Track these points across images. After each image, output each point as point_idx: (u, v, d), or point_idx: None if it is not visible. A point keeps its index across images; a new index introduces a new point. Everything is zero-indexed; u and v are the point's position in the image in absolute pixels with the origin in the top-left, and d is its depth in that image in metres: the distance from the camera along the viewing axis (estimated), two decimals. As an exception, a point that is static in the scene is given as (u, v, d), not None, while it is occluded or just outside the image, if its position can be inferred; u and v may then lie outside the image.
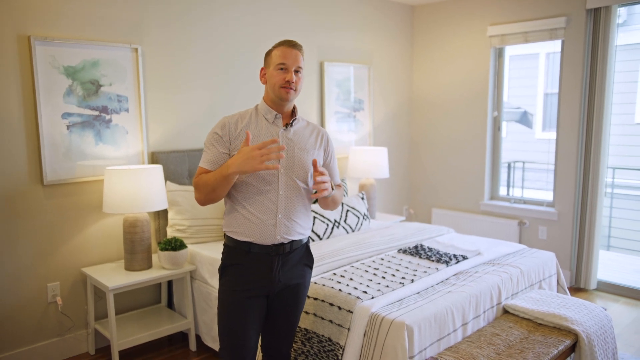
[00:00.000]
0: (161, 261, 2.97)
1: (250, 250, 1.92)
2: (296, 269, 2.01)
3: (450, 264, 2.84)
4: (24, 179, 2.78)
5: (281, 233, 1.93)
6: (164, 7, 3.25)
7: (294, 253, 1.99)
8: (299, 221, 1.98)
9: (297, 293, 2.03)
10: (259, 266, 1.93)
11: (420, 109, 5.16)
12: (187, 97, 3.43)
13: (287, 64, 1.91)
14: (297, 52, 1.94)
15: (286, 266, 1.97)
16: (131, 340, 2.83)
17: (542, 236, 4.35)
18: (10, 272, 2.77)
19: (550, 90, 7.68)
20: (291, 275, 1.99)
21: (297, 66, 1.93)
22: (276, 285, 1.96)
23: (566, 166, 4.15)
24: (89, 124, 2.97)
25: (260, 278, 1.93)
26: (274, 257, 1.93)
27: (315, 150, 2.02)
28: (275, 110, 1.96)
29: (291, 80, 1.90)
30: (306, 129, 2.04)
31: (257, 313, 1.97)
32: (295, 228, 1.97)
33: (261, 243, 1.91)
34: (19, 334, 2.83)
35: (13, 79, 2.70)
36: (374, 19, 4.67)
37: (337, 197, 2.08)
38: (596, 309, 2.68)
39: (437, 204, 5.11)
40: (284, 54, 1.92)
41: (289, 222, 1.94)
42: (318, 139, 2.05)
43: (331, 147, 2.11)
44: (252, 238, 1.91)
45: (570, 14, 4.01)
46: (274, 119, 1.96)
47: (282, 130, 1.95)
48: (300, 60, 1.94)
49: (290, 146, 1.95)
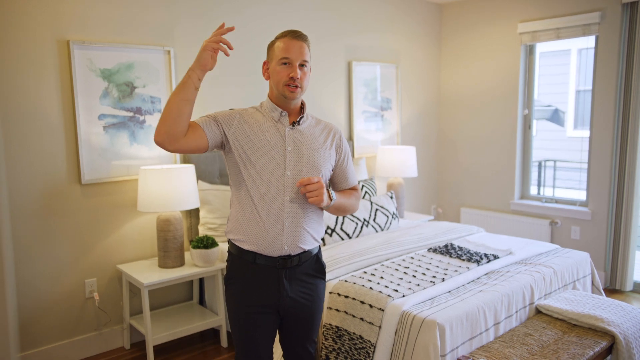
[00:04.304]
0: (193, 259, 3.03)
1: (255, 261, 1.75)
2: (306, 282, 1.83)
3: (481, 263, 2.81)
4: (63, 178, 2.88)
5: (289, 243, 1.75)
6: (194, 9, 3.31)
7: (303, 266, 1.81)
8: (310, 230, 1.80)
9: (310, 307, 1.86)
10: (265, 280, 1.76)
11: (448, 107, 5.12)
12: (218, 96, 3.49)
13: (291, 58, 1.71)
14: (302, 43, 1.73)
15: (295, 280, 1.80)
16: (165, 336, 2.90)
17: (574, 236, 4.26)
18: (50, 268, 2.87)
19: (582, 87, 7.51)
20: (301, 290, 1.82)
21: (302, 60, 1.72)
22: (285, 301, 1.79)
23: (600, 165, 4.05)
24: (124, 125, 3.06)
25: (266, 293, 1.77)
26: (280, 271, 1.76)
27: (326, 150, 1.83)
28: (281, 108, 1.78)
29: (295, 77, 1.70)
30: (316, 127, 1.86)
31: (268, 328, 1.82)
32: (305, 237, 1.78)
33: (266, 254, 1.74)
34: (58, 327, 2.93)
35: (53, 82, 2.80)
36: (401, 18, 4.66)
37: (348, 204, 1.89)
38: (634, 310, 2.62)
39: (466, 204, 5.06)
40: (287, 47, 1.71)
41: (297, 231, 1.76)
42: (329, 138, 1.86)
43: (345, 147, 1.91)
44: (256, 247, 1.74)
45: (604, 9, 3.91)
46: (279, 117, 1.78)
47: (289, 129, 1.78)
48: (305, 53, 1.73)
49: (298, 146, 1.77)
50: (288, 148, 1.75)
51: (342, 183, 1.95)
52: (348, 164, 1.94)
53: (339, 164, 1.90)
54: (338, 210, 1.87)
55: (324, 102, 4.13)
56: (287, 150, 1.75)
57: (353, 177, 1.97)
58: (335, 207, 1.83)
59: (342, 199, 1.86)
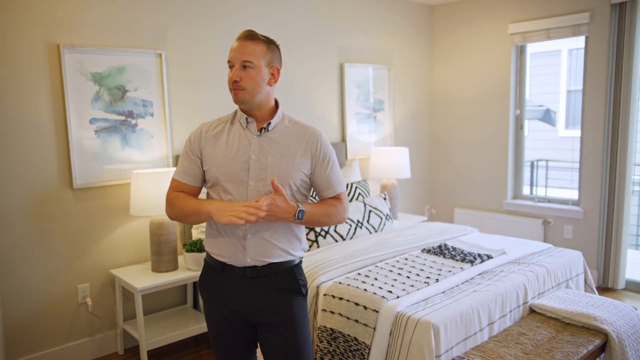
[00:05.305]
0: (187, 263, 3.02)
1: (224, 269, 1.71)
2: (277, 296, 1.71)
3: (475, 264, 2.82)
4: (54, 183, 2.86)
5: (252, 255, 1.67)
6: (185, 12, 3.31)
7: (271, 277, 1.70)
8: (276, 242, 1.69)
9: (288, 325, 1.72)
10: (233, 289, 1.71)
11: (441, 108, 5.14)
12: (211, 100, 3.48)
13: (232, 60, 1.65)
14: (248, 43, 1.63)
15: (262, 292, 1.70)
16: (159, 341, 2.88)
17: (567, 235, 4.28)
18: (42, 273, 2.85)
19: (573, 87, 7.57)
20: (270, 303, 1.71)
21: (243, 60, 1.62)
22: (253, 312, 1.72)
23: (592, 164, 4.08)
24: (116, 129, 3.04)
25: (234, 302, 1.72)
26: (247, 280, 1.69)
27: (297, 157, 1.69)
28: (246, 114, 1.70)
29: (231, 79, 1.63)
30: (290, 131, 1.72)
31: (239, 338, 1.77)
32: (271, 251, 1.68)
33: (233, 264, 1.69)
34: (51, 334, 2.90)
35: (43, 86, 2.78)
36: (392, 19, 4.67)
37: (324, 215, 1.73)
38: (626, 308, 2.63)
39: (459, 204, 5.07)
40: (232, 48, 1.66)
41: (261, 244, 1.67)
42: (302, 144, 1.71)
43: (323, 152, 1.73)
44: (223, 258, 1.70)
45: (594, 10, 3.95)
46: (246, 124, 1.70)
47: (255, 136, 1.69)
48: (249, 54, 1.62)
49: (263, 154, 1.67)
50: (252, 157, 1.67)
51: (323, 191, 1.78)
52: (329, 171, 1.75)
53: (317, 170, 1.74)
54: (312, 223, 1.72)
55: (316, 105, 4.13)
56: (251, 159, 1.66)
57: (337, 184, 1.78)
58: (306, 221, 1.69)
59: (316, 211, 1.70)
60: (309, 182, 1.77)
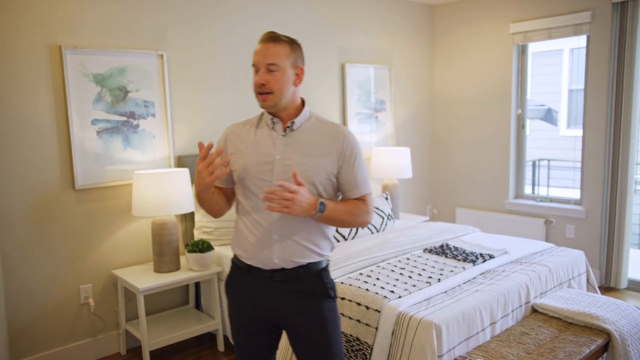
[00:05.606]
0: (189, 263, 3.02)
1: (251, 272, 1.71)
2: (305, 300, 1.70)
3: (477, 263, 2.82)
4: (56, 184, 2.86)
5: (279, 257, 1.65)
6: (186, 13, 3.31)
7: (298, 280, 1.68)
8: (305, 242, 1.67)
9: (319, 329, 1.70)
10: (260, 290, 1.71)
11: (442, 108, 5.13)
12: (212, 101, 3.48)
13: (256, 64, 1.63)
14: (271, 45, 1.61)
15: (289, 296, 1.69)
16: (161, 341, 2.88)
17: (569, 235, 4.28)
18: (44, 274, 2.85)
19: (574, 86, 7.56)
20: (298, 307, 1.69)
21: (268, 63, 1.60)
22: (281, 316, 1.71)
23: (594, 163, 4.07)
24: (117, 130, 3.04)
25: (261, 305, 1.71)
26: (274, 284, 1.68)
27: (322, 156, 1.66)
28: (272, 115, 1.69)
29: (257, 83, 1.62)
30: (315, 130, 1.71)
31: (264, 339, 1.77)
32: (299, 251, 1.66)
33: (259, 266, 1.68)
34: (53, 334, 2.91)
35: (45, 86, 2.78)
36: (393, 19, 4.67)
37: (344, 215, 1.68)
38: (629, 307, 2.63)
39: (461, 204, 5.07)
40: (256, 51, 1.64)
41: (288, 244, 1.65)
42: (328, 142, 1.68)
43: (350, 151, 1.69)
44: (250, 260, 1.70)
45: (595, 9, 3.94)
46: (272, 124, 1.70)
47: (280, 136, 1.68)
48: (273, 56, 1.60)
49: (288, 154, 1.65)
50: (277, 157, 1.66)
51: (348, 192, 1.73)
52: (355, 170, 1.70)
53: (343, 170, 1.70)
54: (334, 221, 1.67)
55: (318, 105, 4.13)
56: (276, 159, 1.65)
57: (363, 185, 1.72)
58: (325, 218, 1.64)
59: (338, 207, 1.66)
60: (336, 181, 1.72)
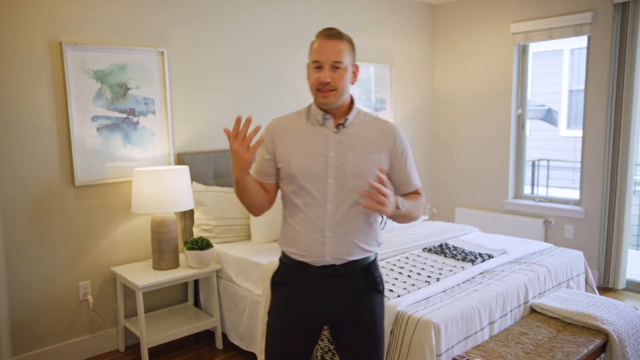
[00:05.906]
0: (188, 260, 3.02)
1: (300, 268, 1.68)
2: (356, 295, 1.69)
3: (476, 263, 2.82)
4: (56, 180, 2.86)
5: (331, 254, 1.64)
6: (187, 10, 3.31)
7: (351, 277, 1.68)
8: (357, 240, 1.67)
9: (369, 324, 1.70)
10: (308, 288, 1.68)
11: (442, 107, 5.13)
12: (213, 98, 3.48)
13: (321, 61, 1.60)
14: (336, 42, 1.60)
15: (340, 292, 1.68)
16: (160, 338, 2.88)
17: (568, 235, 4.28)
18: (43, 271, 2.85)
19: (575, 87, 7.56)
20: (349, 303, 1.68)
21: (334, 61, 1.59)
22: (328, 312, 1.69)
23: (593, 164, 4.08)
24: (117, 127, 3.04)
25: (307, 302, 1.69)
26: (325, 280, 1.66)
27: (375, 153, 1.67)
28: (324, 111, 1.67)
29: (324, 81, 1.59)
30: (367, 127, 1.70)
31: (303, 336, 1.73)
32: (350, 248, 1.66)
33: (311, 263, 1.66)
34: (52, 331, 2.91)
35: (45, 83, 2.78)
36: (394, 18, 4.67)
37: (413, 210, 1.69)
38: (627, 308, 2.63)
39: (461, 203, 5.07)
40: (318, 48, 1.61)
41: (340, 242, 1.64)
42: (381, 139, 1.69)
43: (402, 147, 1.73)
44: (301, 256, 1.67)
45: (596, 9, 3.94)
46: (323, 120, 1.67)
47: (333, 132, 1.66)
48: (339, 54, 1.59)
49: (342, 151, 1.64)
50: (330, 154, 1.63)
51: (402, 187, 1.76)
52: (407, 165, 1.75)
53: (395, 166, 1.72)
54: (406, 216, 1.67)
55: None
56: (330, 156, 1.63)
57: (416, 179, 1.78)
58: (401, 215, 1.64)
59: (409, 203, 1.66)
60: (388, 178, 1.71)
